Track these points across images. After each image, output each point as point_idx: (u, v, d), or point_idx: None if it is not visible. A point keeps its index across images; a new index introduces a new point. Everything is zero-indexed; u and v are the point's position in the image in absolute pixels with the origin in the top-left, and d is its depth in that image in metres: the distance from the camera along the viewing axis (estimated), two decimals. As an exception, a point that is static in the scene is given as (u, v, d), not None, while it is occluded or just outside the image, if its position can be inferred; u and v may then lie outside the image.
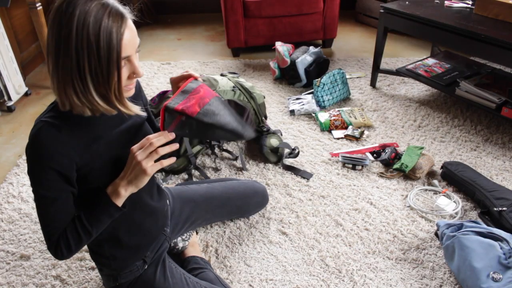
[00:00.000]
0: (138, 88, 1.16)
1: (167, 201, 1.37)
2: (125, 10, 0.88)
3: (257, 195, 1.63)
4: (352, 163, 1.95)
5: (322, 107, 2.47)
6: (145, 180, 0.98)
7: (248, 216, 1.68)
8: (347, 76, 2.79)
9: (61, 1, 0.83)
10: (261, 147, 2.02)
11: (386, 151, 1.99)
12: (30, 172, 0.93)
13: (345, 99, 2.59)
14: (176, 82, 1.09)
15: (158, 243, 1.27)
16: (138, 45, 0.92)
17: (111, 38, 0.83)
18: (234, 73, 2.39)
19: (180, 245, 1.46)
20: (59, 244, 0.98)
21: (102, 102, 0.89)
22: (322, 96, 2.45)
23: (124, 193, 0.99)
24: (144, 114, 1.02)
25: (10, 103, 2.54)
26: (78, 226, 0.99)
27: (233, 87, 2.08)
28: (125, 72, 0.90)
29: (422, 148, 1.93)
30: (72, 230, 0.99)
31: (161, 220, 1.27)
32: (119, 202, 1.00)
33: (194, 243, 1.52)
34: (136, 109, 0.96)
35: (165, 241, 1.30)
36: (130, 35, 0.87)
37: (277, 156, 2.01)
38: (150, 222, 1.21)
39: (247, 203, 1.59)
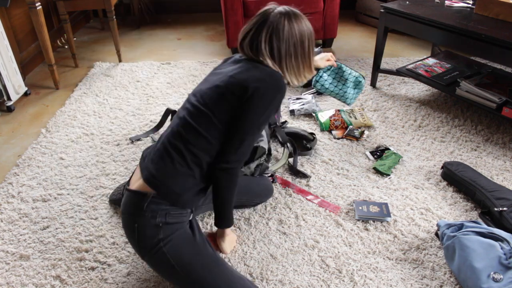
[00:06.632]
0: None
1: None
2: None
3: (262, 182, 1.74)
4: (372, 219, 1.69)
5: (318, 89, 2.15)
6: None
7: (256, 203, 1.73)
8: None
9: (290, 22, 1.35)
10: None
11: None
12: (263, 108, 1.30)
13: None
14: None
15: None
16: None
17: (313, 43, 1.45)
18: (234, 73, 2.38)
19: None
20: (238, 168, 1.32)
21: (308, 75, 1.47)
22: (322, 81, 2.15)
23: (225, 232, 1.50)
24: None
25: (9, 103, 2.54)
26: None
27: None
28: None
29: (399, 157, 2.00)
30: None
31: None
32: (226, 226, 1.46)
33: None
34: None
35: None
36: None
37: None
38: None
39: (252, 186, 1.71)
